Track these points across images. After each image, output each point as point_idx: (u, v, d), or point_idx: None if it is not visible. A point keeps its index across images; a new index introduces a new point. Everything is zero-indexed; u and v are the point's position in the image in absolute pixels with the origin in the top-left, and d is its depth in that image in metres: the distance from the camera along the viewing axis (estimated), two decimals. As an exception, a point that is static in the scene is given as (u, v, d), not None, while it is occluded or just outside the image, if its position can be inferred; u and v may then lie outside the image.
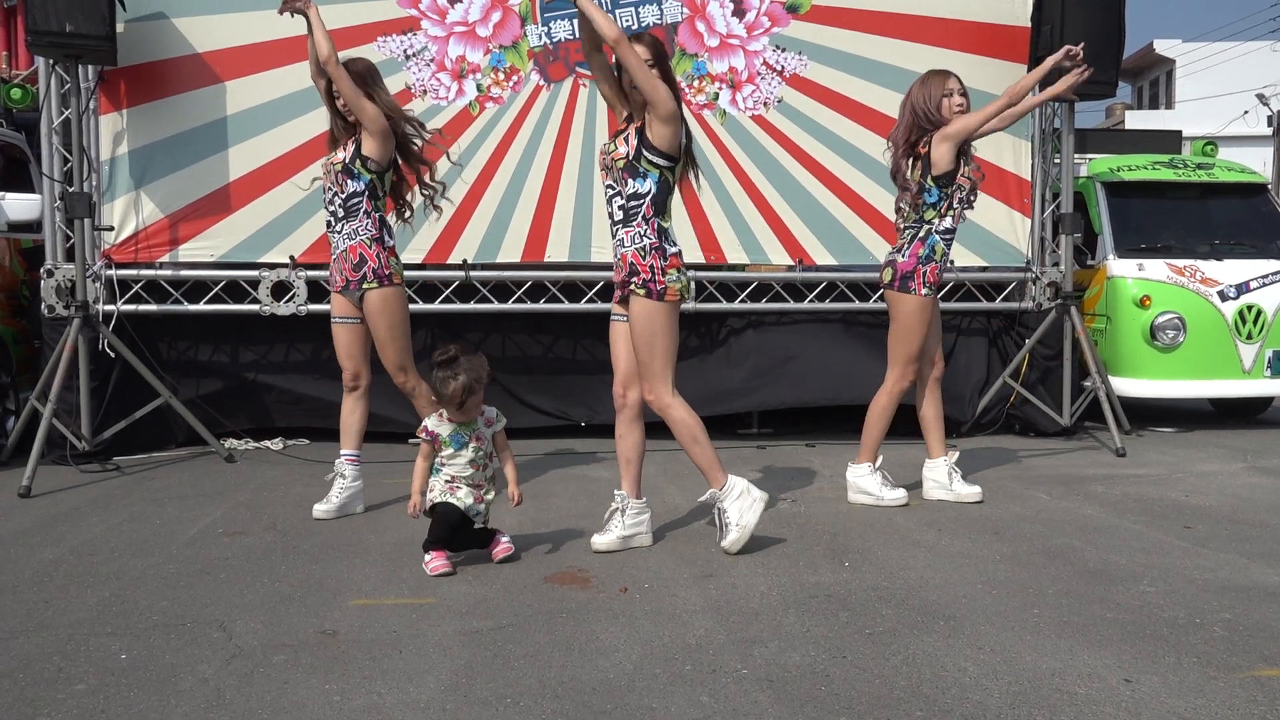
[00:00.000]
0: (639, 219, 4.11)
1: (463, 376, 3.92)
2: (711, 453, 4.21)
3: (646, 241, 4.10)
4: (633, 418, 4.29)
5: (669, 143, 4.08)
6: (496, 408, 4.17)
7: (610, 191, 4.19)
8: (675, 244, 4.19)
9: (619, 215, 4.16)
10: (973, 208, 5.14)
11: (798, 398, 7.14)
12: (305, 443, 6.82)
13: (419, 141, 4.92)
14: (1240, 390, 7.42)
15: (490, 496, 4.09)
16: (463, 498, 4.00)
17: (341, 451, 4.92)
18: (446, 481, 4.01)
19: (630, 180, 4.11)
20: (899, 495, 5.05)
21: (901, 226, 5.02)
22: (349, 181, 4.73)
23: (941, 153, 4.85)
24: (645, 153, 4.08)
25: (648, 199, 4.11)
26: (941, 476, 5.16)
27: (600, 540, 4.22)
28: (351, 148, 4.74)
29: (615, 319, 4.31)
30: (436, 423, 4.04)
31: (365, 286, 4.76)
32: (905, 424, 5.42)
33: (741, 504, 4.17)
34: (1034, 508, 5.01)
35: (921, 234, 4.94)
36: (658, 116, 4.02)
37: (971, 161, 5.00)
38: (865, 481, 5.09)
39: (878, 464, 5.11)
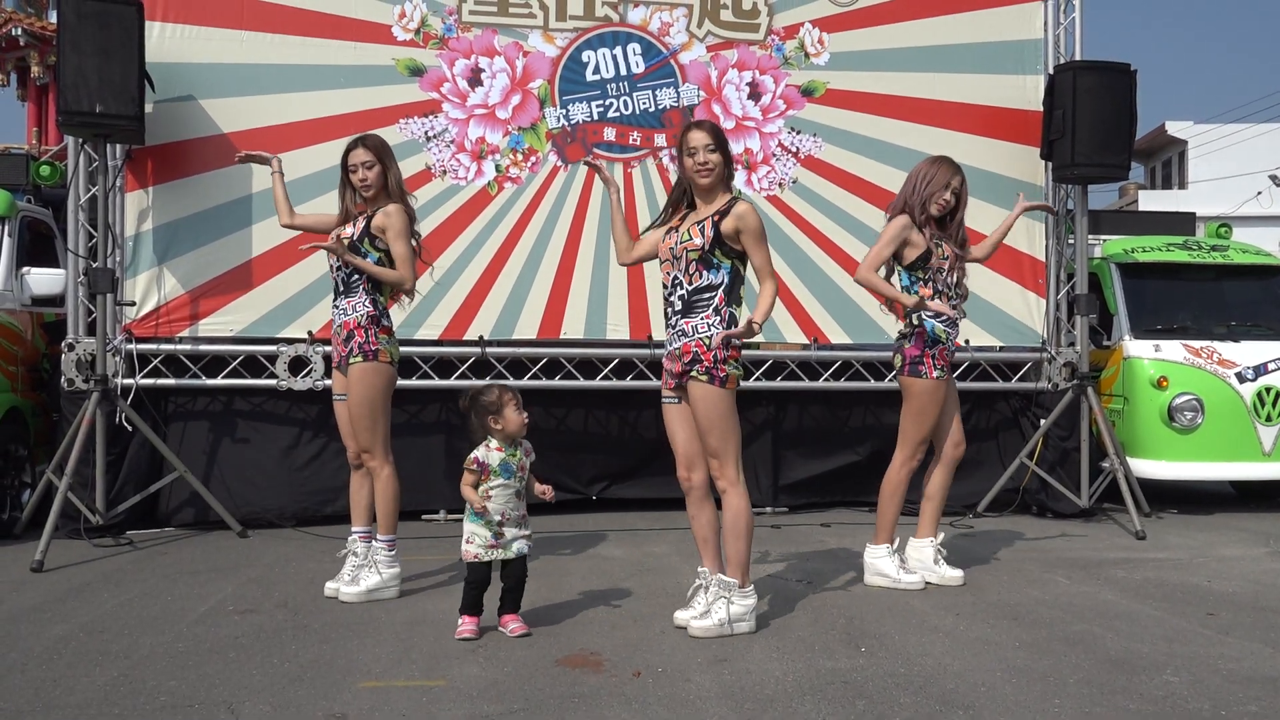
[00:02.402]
0: (709, 310, 4.11)
1: (492, 384, 4.23)
2: (748, 554, 4.21)
3: (714, 331, 4.10)
4: (701, 497, 4.29)
5: None
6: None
7: (674, 283, 4.19)
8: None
9: (679, 306, 4.16)
10: (964, 289, 5.11)
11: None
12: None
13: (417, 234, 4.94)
14: (1260, 473, 7.33)
15: (528, 533, 4.21)
16: (509, 542, 4.10)
17: (353, 529, 4.89)
18: (494, 536, 4.06)
19: (704, 272, 4.13)
20: (915, 580, 4.98)
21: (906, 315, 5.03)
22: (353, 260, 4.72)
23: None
24: (719, 244, 4.12)
25: (721, 290, 4.14)
26: (927, 557, 5.10)
27: (684, 615, 4.24)
28: (361, 224, 4.75)
29: (668, 402, 4.30)
30: (485, 453, 4.14)
31: (351, 361, 4.73)
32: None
33: (738, 613, 4.14)
34: (1053, 592, 4.94)
35: (917, 321, 4.95)
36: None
37: (944, 247, 4.99)
38: (883, 564, 5.03)
39: (895, 545, 5.06)
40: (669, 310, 4.23)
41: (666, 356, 4.24)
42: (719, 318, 4.11)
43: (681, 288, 4.16)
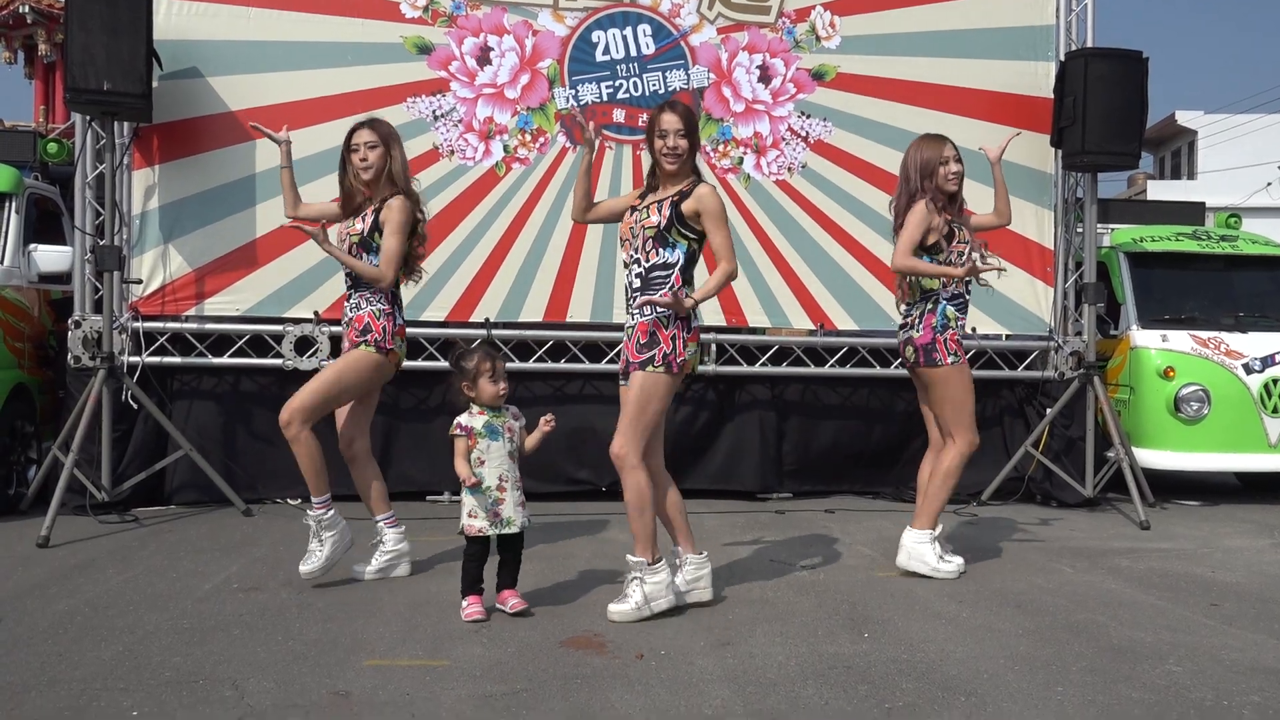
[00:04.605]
0: (665, 289, 4.11)
1: (482, 348, 4.20)
2: (653, 528, 4.15)
3: (672, 312, 4.10)
4: (659, 481, 4.27)
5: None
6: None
7: (631, 260, 4.20)
8: (699, 317, 4.20)
9: (636, 284, 4.16)
10: (984, 283, 5.07)
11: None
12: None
13: (422, 216, 4.85)
14: (1266, 464, 7.31)
15: (523, 500, 4.19)
16: (510, 517, 4.09)
17: (374, 516, 4.82)
18: (494, 501, 4.05)
19: (659, 250, 4.14)
20: (953, 569, 4.90)
21: (910, 301, 4.98)
22: (364, 254, 4.65)
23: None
24: (678, 224, 4.12)
25: (676, 269, 4.14)
26: None
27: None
28: (370, 219, 4.66)
29: (623, 385, 4.30)
30: (468, 418, 4.13)
31: (364, 348, 4.63)
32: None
33: (654, 591, 4.11)
34: (1057, 581, 4.93)
35: (930, 305, 4.89)
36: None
37: (965, 231, 4.94)
38: (924, 549, 4.90)
39: (937, 532, 4.95)
40: (627, 289, 4.23)
41: (626, 338, 4.20)
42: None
43: (639, 265, 4.17)
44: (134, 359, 6.34)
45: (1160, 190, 27.67)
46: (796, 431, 7.25)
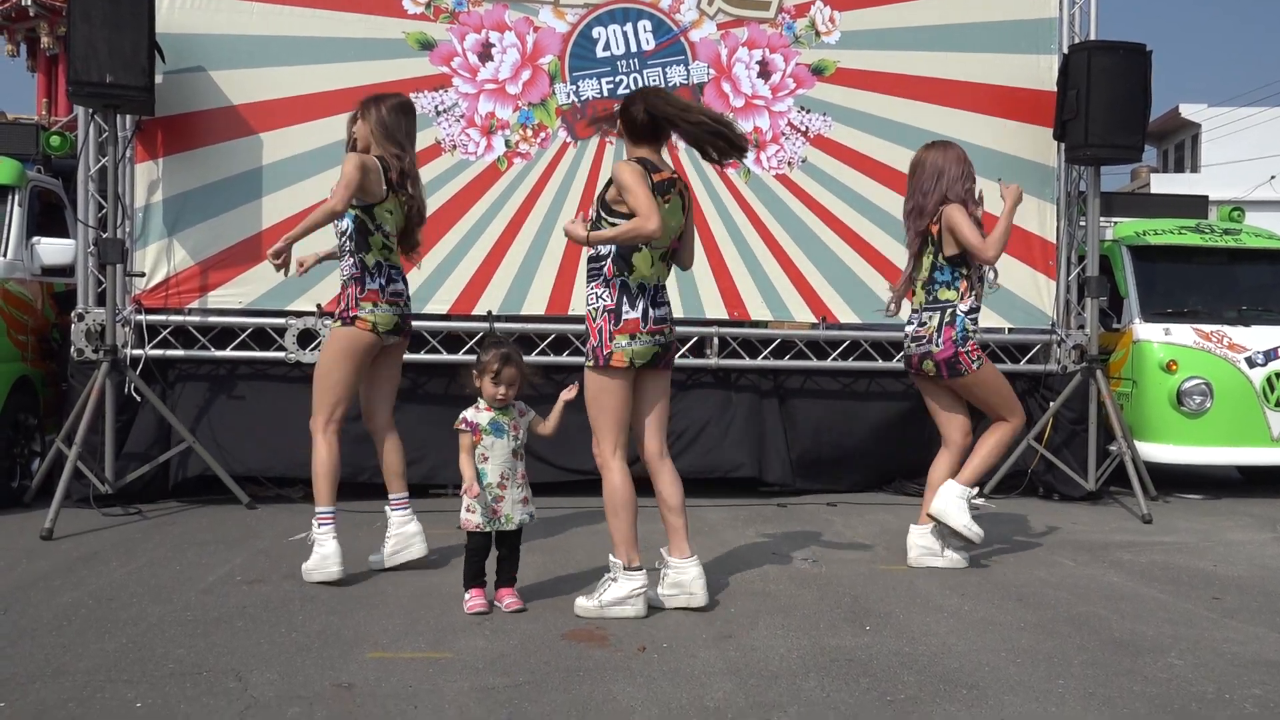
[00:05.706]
0: (599, 281, 4.10)
1: (503, 349, 4.13)
2: (628, 531, 4.12)
3: (601, 304, 4.08)
4: (660, 474, 4.27)
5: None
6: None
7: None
8: (636, 308, 4.06)
9: (585, 275, 4.20)
10: (993, 286, 5.11)
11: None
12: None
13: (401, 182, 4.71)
14: (1268, 458, 7.31)
15: (527, 495, 4.18)
16: (509, 514, 4.09)
17: (389, 495, 4.84)
18: (494, 499, 4.06)
19: None
20: (979, 530, 4.95)
21: (920, 308, 4.99)
22: (338, 222, 4.64)
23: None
24: (604, 214, 4.07)
25: (608, 260, 4.08)
26: (933, 543, 5.06)
27: (650, 594, 4.21)
28: None
29: None
30: (474, 413, 4.13)
31: (331, 325, 4.65)
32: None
33: (624, 594, 4.06)
34: (1059, 574, 4.94)
35: (948, 318, 4.88)
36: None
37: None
38: (960, 504, 4.93)
39: (974, 493, 4.98)
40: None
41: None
42: (608, 289, 4.08)
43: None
44: (137, 352, 6.35)
45: (1163, 184, 27.65)
46: (798, 425, 7.24)
